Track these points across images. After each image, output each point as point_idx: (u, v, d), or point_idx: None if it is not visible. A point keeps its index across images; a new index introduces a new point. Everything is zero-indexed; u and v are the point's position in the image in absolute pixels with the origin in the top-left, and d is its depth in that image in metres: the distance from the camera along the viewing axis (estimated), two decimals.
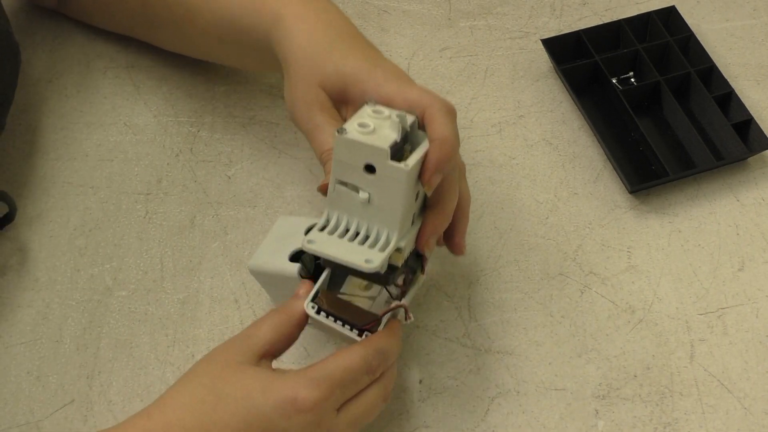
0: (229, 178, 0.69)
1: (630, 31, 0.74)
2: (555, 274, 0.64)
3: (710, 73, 0.73)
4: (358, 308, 0.51)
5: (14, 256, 0.65)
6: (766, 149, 0.68)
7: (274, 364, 0.51)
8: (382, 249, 0.49)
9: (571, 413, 0.58)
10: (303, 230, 0.55)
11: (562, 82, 0.74)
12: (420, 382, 0.59)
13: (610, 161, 0.69)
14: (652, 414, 0.57)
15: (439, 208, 0.51)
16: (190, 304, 0.63)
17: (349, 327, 0.50)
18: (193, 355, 0.60)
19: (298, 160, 0.70)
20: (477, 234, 0.66)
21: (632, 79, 0.75)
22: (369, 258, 0.48)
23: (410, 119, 0.49)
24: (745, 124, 0.69)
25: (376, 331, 0.50)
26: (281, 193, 0.68)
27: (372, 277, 0.50)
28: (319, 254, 0.49)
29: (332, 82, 0.55)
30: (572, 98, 0.73)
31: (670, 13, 0.77)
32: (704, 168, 0.68)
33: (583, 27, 0.76)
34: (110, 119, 0.73)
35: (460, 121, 0.72)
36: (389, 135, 0.47)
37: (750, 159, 0.70)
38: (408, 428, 0.57)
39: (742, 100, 0.70)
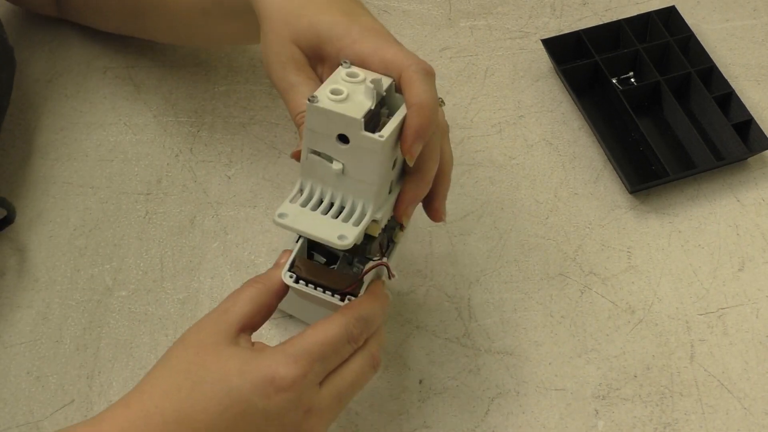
0: (229, 178, 0.69)
1: (630, 31, 0.74)
2: (555, 274, 0.64)
3: (710, 74, 0.73)
4: (338, 272, 0.49)
5: (14, 257, 0.65)
6: (766, 149, 0.68)
7: (254, 337, 0.49)
8: (357, 222, 0.47)
9: (571, 413, 0.58)
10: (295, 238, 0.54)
11: (562, 82, 0.74)
12: (420, 382, 0.59)
13: (610, 161, 0.69)
14: (652, 414, 0.57)
15: (419, 176, 0.49)
16: (190, 304, 0.63)
17: (330, 293, 0.48)
18: None
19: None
20: (477, 234, 0.66)
21: (632, 79, 0.75)
22: (342, 234, 0.46)
23: (386, 83, 0.47)
24: (745, 125, 0.69)
25: (358, 293, 0.48)
26: (281, 193, 0.68)
27: (347, 250, 0.48)
28: (290, 229, 0.47)
29: (307, 39, 0.51)
30: (572, 98, 0.73)
31: (670, 13, 0.77)
32: (704, 168, 0.68)
33: (583, 27, 0.76)
34: (110, 119, 0.73)
35: (461, 122, 0.72)
36: (363, 103, 0.45)
37: (750, 159, 0.70)
38: (408, 428, 0.57)
39: (742, 100, 0.70)
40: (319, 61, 0.52)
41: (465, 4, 0.81)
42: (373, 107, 0.45)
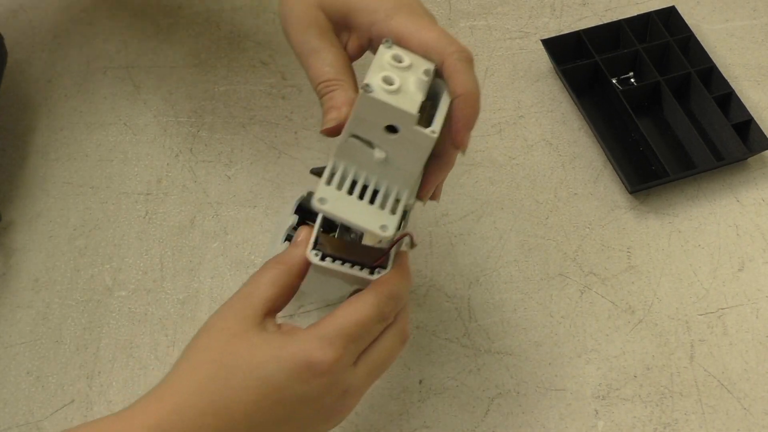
0: (229, 178, 0.69)
1: (630, 32, 0.74)
2: (555, 274, 0.64)
3: (710, 74, 0.73)
4: (361, 246, 0.48)
5: (14, 257, 0.65)
6: (766, 149, 0.68)
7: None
8: (393, 210, 0.46)
9: (571, 413, 0.58)
10: (290, 211, 0.54)
11: (562, 82, 0.74)
12: (420, 382, 0.59)
13: (610, 161, 0.69)
14: (652, 414, 0.57)
15: (446, 159, 0.48)
16: (189, 305, 0.63)
17: (358, 267, 0.47)
18: None
19: (298, 160, 0.70)
20: (477, 234, 0.66)
21: (632, 80, 0.75)
22: (384, 224, 0.45)
23: (429, 67, 0.46)
24: (745, 125, 0.69)
25: (386, 265, 0.47)
26: (281, 193, 0.68)
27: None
28: (331, 216, 0.46)
29: (335, 6, 0.49)
30: (572, 98, 0.73)
31: (670, 13, 0.77)
32: (704, 168, 0.68)
33: (583, 27, 0.76)
34: (110, 119, 0.73)
35: None
36: (415, 95, 0.44)
37: (750, 159, 0.70)
38: (408, 428, 0.57)
39: (742, 100, 0.70)
40: (345, 29, 0.50)
41: (465, 4, 0.81)
42: (424, 100, 0.45)
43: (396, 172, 0.46)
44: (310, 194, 0.56)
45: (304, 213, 0.58)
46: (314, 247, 0.47)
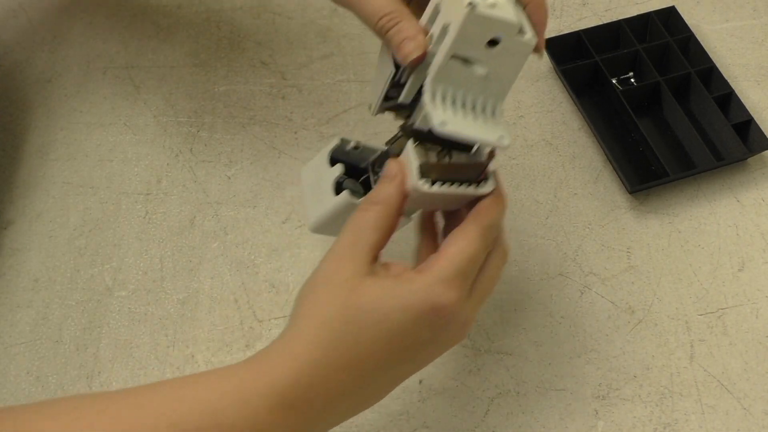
0: (229, 178, 0.69)
1: (630, 32, 0.74)
2: (555, 274, 0.64)
3: (710, 74, 0.73)
4: (457, 164, 0.50)
5: (14, 257, 0.65)
6: (766, 150, 0.68)
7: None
8: (497, 121, 0.48)
9: (571, 413, 0.58)
10: (325, 163, 0.54)
11: (562, 82, 0.74)
12: (420, 382, 0.59)
13: (610, 161, 0.69)
14: (652, 414, 0.57)
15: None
16: (189, 305, 0.63)
17: (465, 185, 0.48)
18: (192, 356, 0.60)
19: (298, 161, 0.70)
20: None
21: (632, 80, 0.75)
22: (500, 135, 0.47)
23: None
24: (745, 125, 0.69)
25: (489, 177, 0.49)
26: (281, 194, 0.68)
27: (459, 146, 0.49)
28: (454, 136, 0.47)
29: None
30: (572, 98, 0.73)
31: (670, 13, 0.77)
32: (704, 168, 0.68)
33: (583, 27, 0.76)
34: (110, 119, 0.73)
35: None
36: (508, 6, 0.46)
37: (750, 159, 0.70)
38: (408, 428, 0.57)
39: (742, 100, 0.70)
40: None
41: None
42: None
43: (492, 84, 0.48)
44: (343, 141, 0.55)
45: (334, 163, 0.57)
46: (421, 176, 0.48)
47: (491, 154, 0.49)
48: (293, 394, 0.45)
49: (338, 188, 0.53)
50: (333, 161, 0.55)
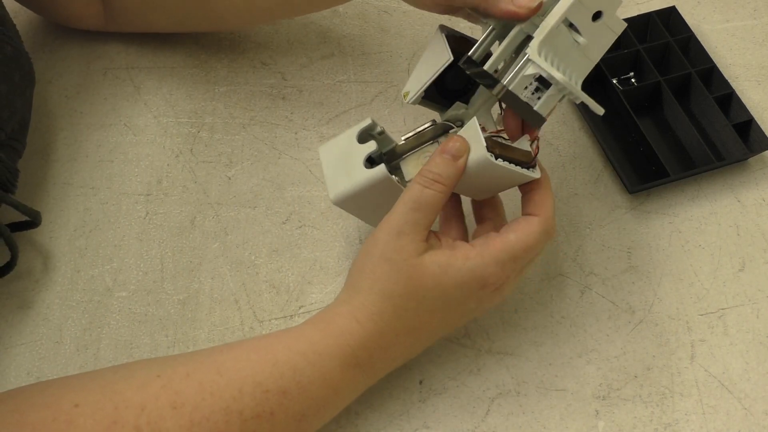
0: (229, 178, 0.69)
1: (630, 32, 0.74)
2: (555, 274, 0.64)
3: (711, 74, 0.73)
4: (509, 145, 0.53)
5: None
6: (766, 150, 0.68)
7: None
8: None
9: (572, 414, 0.58)
10: (354, 140, 0.56)
11: None
12: (420, 382, 0.59)
13: (611, 161, 0.69)
14: (653, 414, 0.57)
15: None
16: (190, 305, 0.63)
17: (520, 167, 0.52)
18: None
19: (298, 161, 0.70)
20: None
21: (633, 80, 0.75)
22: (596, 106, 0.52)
23: None
24: (746, 125, 0.69)
25: (536, 164, 0.53)
26: (281, 194, 0.68)
27: (535, 118, 0.52)
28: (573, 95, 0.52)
29: None
30: None
31: (671, 13, 0.77)
32: (705, 168, 0.68)
33: None
34: (110, 120, 0.73)
35: None
36: None
37: (750, 159, 0.69)
38: (408, 428, 0.57)
39: (742, 100, 0.70)
40: None
41: None
42: None
43: (583, 59, 0.51)
44: (373, 122, 0.58)
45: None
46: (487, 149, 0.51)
47: (537, 146, 0.53)
48: (361, 355, 0.52)
49: (369, 160, 0.56)
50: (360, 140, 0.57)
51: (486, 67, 0.52)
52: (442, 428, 0.57)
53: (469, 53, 0.53)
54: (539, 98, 0.52)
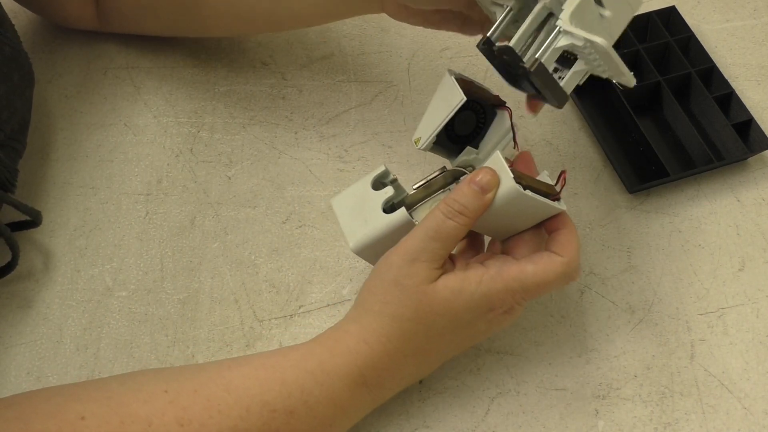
0: (230, 178, 0.69)
1: (630, 31, 0.74)
2: None
3: (710, 74, 0.73)
4: (533, 177, 0.53)
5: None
6: (766, 149, 0.68)
7: None
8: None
9: (571, 413, 0.58)
10: (368, 188, 0.56)
11: None
12: (420, 382, 0.59)
13: (610, 161, 0.69)
14: (652, 414, 0.57)
15: None
16: (190, 305, 0.63)
17: (546, 198, 0.51)
18: (193, 356, 0.60)
19: (298, 161, 0.70)
20: None
21: None
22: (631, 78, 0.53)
23: None
24: (746, 125, 0.69)
25: (560, 198, 0.53)
26: (281, 194, 0.68)
27: (558, 97, 0.52)
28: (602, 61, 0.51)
29: None
30: (572, 98, 0.73)
31: (671, 13, 0.77)
32: (704, 168, 0.68)
33: None
34: (110, 120, 0.73)
35: None
36: None
37: (750, 159, 0.70)
38: (408, 428, 0.57)
39: (742, 100, 0.70)
40: None
41: None
42: None
43: (605, 35, 0.50)
44: (386, 170, 0.57)
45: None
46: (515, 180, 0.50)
47: (564, 179, 0.54)
48: (369, 375, 0.51)
49: (389, 207, 0.55)
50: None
51: (512, 43, 0.51)
52: (442, 427, 0.57)
53: (488, 34, 0.53)
54: (560, 78, 0.51)
